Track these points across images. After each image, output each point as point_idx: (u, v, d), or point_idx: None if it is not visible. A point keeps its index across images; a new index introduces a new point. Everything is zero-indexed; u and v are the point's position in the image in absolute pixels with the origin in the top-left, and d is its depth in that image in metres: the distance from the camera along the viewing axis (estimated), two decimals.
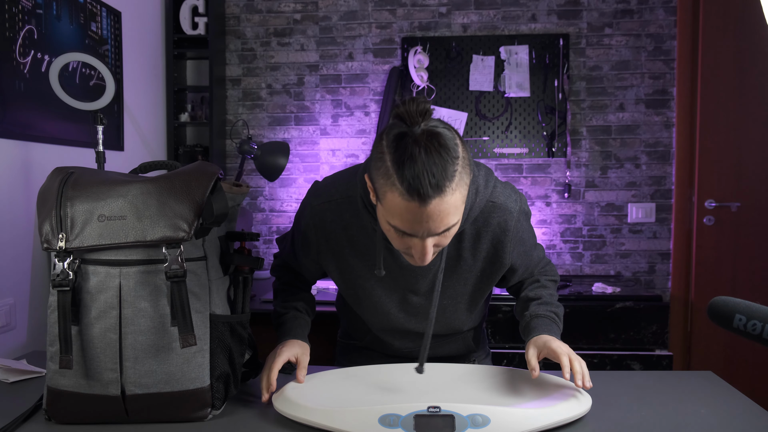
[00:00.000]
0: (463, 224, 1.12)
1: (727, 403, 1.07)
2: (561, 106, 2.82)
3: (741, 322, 0.79)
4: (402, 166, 0.91)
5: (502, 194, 1.15)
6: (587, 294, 2.42)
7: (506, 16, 2.86)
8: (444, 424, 0.91)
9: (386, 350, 1.34)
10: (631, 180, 2.85)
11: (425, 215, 0.92)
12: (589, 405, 1.00)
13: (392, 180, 0.92)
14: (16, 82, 1.73)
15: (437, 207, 0.92)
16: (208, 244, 1.04)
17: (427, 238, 0.97)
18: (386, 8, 2.90)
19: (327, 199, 1.17)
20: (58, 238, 0.95)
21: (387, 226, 0.99)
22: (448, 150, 0.92)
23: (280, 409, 1.00)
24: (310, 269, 1.30)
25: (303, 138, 2.96)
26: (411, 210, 0.92)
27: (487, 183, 1.14)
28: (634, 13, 2.82)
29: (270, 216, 2.99)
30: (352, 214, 1.15)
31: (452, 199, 0.93)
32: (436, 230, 0.95)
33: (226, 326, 1.06)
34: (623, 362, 2.30)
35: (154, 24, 2.69)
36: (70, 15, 2.00)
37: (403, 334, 1.29)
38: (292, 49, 2.95)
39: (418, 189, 0.90)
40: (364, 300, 1.24)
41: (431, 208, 0.92)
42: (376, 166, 0.97)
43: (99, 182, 0.99)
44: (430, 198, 0.91)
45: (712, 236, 2.77)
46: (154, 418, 1.00)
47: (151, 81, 2.66)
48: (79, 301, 0.97)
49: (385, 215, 0.98)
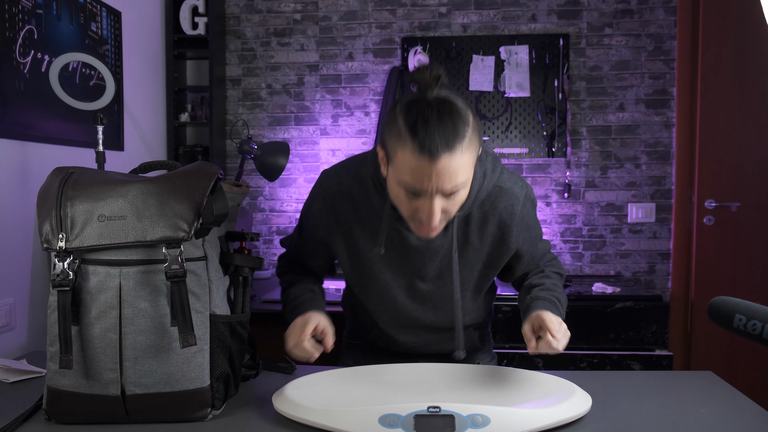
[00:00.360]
0: (471, 207, 1.15)
1: (727, 403, 1.07)
2: (561, 106, 2.82)
3: (741, 322, 0.79)
4: (414, 125, 0.97)
5: (509, 180, 1.18)
6: (587, 294, 2.42)
7: (506, 16, 2.86)
8: (444, 424, 0.91)
9: (391, 347, 1.34)
10: (631, 180, 2.85)
11: (435, 171, 0.97)
12: (589, 405, 1.00)
13: (404, 139, 0.98)
14: (16, 82, 1.73)
15: (447, 164, 0.96)
16: (208, 244, 1.04)
17: (435, 197, 1.00)
18: (386, 8, 2.90)
19: (338, 180, 1.20)
20: (58, 238, 0.95)
21: (397, 189, 1.03)
22: (459, 115, 0.98)
23: (280, 409, 1.00)
24: (319, 257, 1.30)
25: (303, 138, 2.96)
26: (421, 166, 0.97)
27: (495, 168, 1.18)
28: (634, 13, 2.82)
29: (270, 216, 2.99)
30: (363, 195, 1.18)
31: (461, 159, 0.98)
32: (444, 187, 0.99)
33: (226, 326, 1.06)
34: (623, 362, 2.30)
35: (154, 24, 2.69)
36: (70, 15, 2.00)
37: (409, 327, 1.30)
38: (292, 49, 2.95)
39: (429, 145, 0.95)
40: (370, 286, 1.24)
41: (441, 165, 0.96)
42: (389, 129, 1.02)
43: (99, 182, 0.99)
44: (440, 154, 0.96)
45: (712, 236, 2.77)
46: (154, 418, 1.00)
47: (151, 81, 2.66)
48: (79, 301, 0.97)
49: (395, 175, 1.02)
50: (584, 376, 1.21)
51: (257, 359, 1.22)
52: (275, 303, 2.16)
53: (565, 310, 1.23)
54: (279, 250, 2.98)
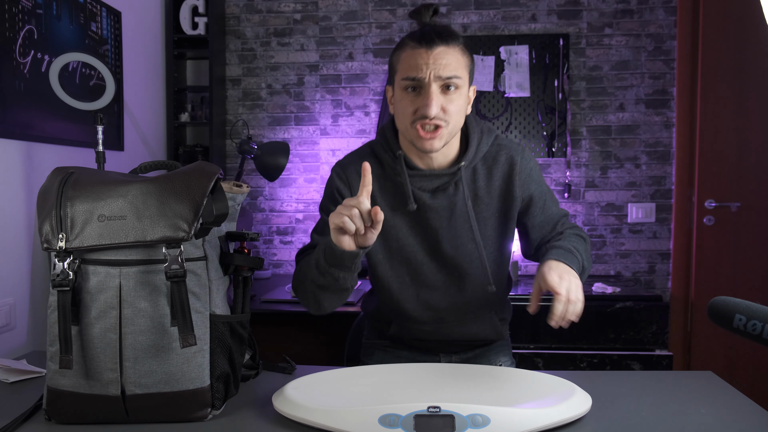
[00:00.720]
0: (474, 160, 1.25)
1: (727, 403, 1.07)
2: (561, 106, 2.82)
3: (741, 322, 0.79)
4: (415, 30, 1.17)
5: (506, 139, 1.32)
6: (587, 294, 2.41)
7: (506, 16, 2.86)
8: (444, 424, 0.91)
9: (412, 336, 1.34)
10: (631, 180, 2.85)
11: (431, 57, 1.13)
12: (589, 405, 1.00)
13: (405, 42, 1.17)
14: (16, 82, 1.73)
15: (443, 53, 1.13)
16: (208, 244, 1.04)
17: (432, 85, 1.13)
18: (386, 8, 2.90)
19: (354, 158, 1.31)
20: (58, 238, 0.95)
21: (401, 95, 1.17)
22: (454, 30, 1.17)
23: (280, 409, 1.00)
24: None
25: (303, 138, 2.96)
26: (419, 54, 1.13)
27: (490, 130, 1.31)
28: (634, 13, 2.82)
29: (270, 216, 2.99)
30: (379, 166, 1.28)
31: (455, 54, 1.15)
32: (440, 73, 1.13)
33: (226, 326, 1.06)
34: (623, 362, 2.30)
35: (154, 24, 2.69)
36: (70, 15, 2.00)
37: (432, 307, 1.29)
38: (292, 49, 2.95)
39: (425, 36, 1.13)
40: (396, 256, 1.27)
41: (436, 51, 1.13)
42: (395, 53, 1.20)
43: (99, 182, 0.99)
44: (436, 44, 1.13)
45: (712, 236, 2.77)
46: (154, 418, 1.00)
47: (151, 81, 2.66)
48: (79, 301, 0.97)
49: (399, 78, 1.17)
50: (584, 376, 1.21)
51: (257, 359, 1.22)
52: (275, 303, 2.16)
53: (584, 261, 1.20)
54: (279, 250, 2.98)
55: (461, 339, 1.34)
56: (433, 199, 1.24)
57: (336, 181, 1.29)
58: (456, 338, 1.34)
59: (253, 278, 1.30)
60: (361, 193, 1.00)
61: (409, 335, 1.35)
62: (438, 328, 1.32)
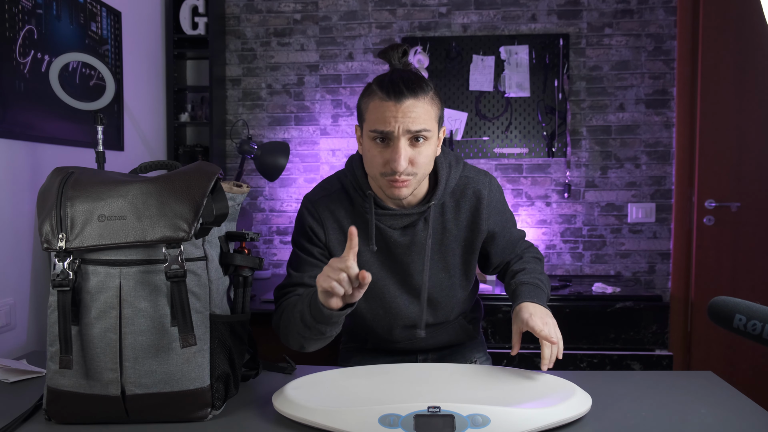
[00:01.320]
0: (443, 196, 1.27)
1: (727, 403, 1.07)
2: (561, 106, 2.82)
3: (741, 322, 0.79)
4: (382, 79, 1.14)
5: (472, 170, 1.32)
6: (587, 294, 2.42)
7: (506, 16, 2.86)
8: (444, 424, 0.91)
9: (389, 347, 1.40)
10: (631, 180, 2.85)
11: (400, 111, 1.10)
12: (589, 405, 1.00)
13: (373, 90, 1.14)
14: (16, 82, 1.73)
15: (411, 106, 1.11)
16: (208, 244, 1.04)
17: (401, 139, 1.12)
18: (386, 8, 2.90)
19: (322, 194, 1.30)
20: (58, 238, 0.95)
21: (369, 145, 1.16)
22: (422, 78, 1.15)
23: (280, 409, 1.00)
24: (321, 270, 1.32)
25: (303, 138, 2.96)
26: (388, 108, 1.11)
27: (458, 161, 1.31)
28: (634, 13, 2.82)
29: (270, 216, 2.99)
30: (349, 202, 1.28)
31: (424, 107, 1.13)
32: (409, 127, 1.11)
33: (226, 326, 1.06)
34: (623, 362, 2.30)
35: (154, 24, 2.69)
36: (70, 15, 2.00)
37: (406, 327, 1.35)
38: (292, 49, 2.95)
39: (394, 89, 1.10)
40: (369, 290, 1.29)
41: (405, 105, 1.10)
42: (362, 98, 1.17)
43: (99, 182, 0.99)
44: (405, 97, 1.10)
45: (712, 236, 2.77)
46: (154, 418, 1.00)
47: (151, 81, 2.66)
48: (79, 301, 0.97)
49: (367, 130, 1.15)
50: (584, 376, 1.21)
51: (257, 359, 1.22)
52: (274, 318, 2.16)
53: (549, 289, 1.31)
54: (279, 250, 2.98)
55: (435, 346, 1.41)
56: (403, 236, 1.26)
57: (308, 219, 1.28)
58: (430, 346, 1.41)
59: (253, 278, 1.30)
60: (348, 256, 0.97)
61: (386, 347, 1.41)
62: (413, 343, 1.39)
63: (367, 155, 1.18)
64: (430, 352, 1.43)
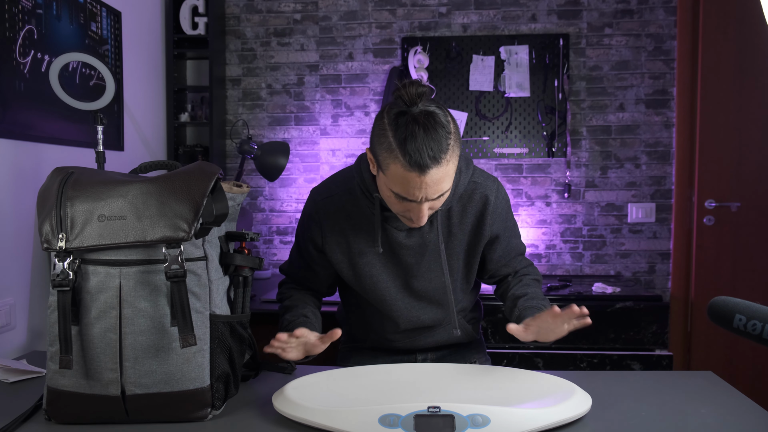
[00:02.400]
0: (451, 201, 1.27)
1: (727, 403, 1.07)
2: (561, 106, 2.82)
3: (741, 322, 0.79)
4: (404, 142, 1.05)
5: (481, 175, 1.32)
6: (587, 294, 2.42)
7: (506, 16, 2.86)
8: (444, 424, 0.91)
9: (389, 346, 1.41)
10: (631, 180, 2.85)
11: (424, 183, 1.07)
12: (589, 405, 1.00)
13: (395, 154, 1.06)
14: (16, 82, 1.73)
15: (434, 176, 1.07)
16: (208, 244, 1.04)
17: (423, 204, 1.11)
18: (386, 8, 2.90)
19: (329, 194, 1.30)
20: (58, 238, 0.95)
21: (388, 192, 1.13)
22: (442, 126, 1.07)
23: (280, 409, 1.00)
24: (320, 268, 1.35)
25: (303, 138, 2.96)
26: (412, 179, 1.07)
27: (468, 166, 1.30)
28: (634, 13, 2.82)
29: (270, 216, 2.99)
30: (353, 204, 1.27)
31: (446, 168, 1.08)
32: (432, 196, 1.10)
33: (226, 326, 1.06)
34: (623, 362, 2.30)
35: (154, 24, 2.69)
36: (70, 15, 2.00)
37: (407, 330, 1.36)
38: (292, 49, 2.95)
39: (418, 162, 1.05)
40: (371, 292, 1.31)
41: (429, 177, 1.07)
42: (379, 141, 1.10)
43: (99, 182, 0.99)
44: (429, 168, 1.06)
45: (712, 236, 2.77)
46: (154, 418, 1.00)
47: (151, 81, 2.66)
48: (79, 301, 0.97)
49: (387, 183, 1.12)
50: (584, 376, 1.21)
51: (257, 359, 1.22)
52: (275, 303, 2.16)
53: None
54: (279, 250, 2.98)
55: (436, 345, 1.42)
56: (408, 238, 1.27)
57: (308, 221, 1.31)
58: (430, 346, 1.42)
59: (253, 278, 1.30)
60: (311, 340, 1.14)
61: (386, 346, 1.42)
62: (414, 341, 1.40)
63: (385, 196, 1.16)
64: (430, 352, 1.43)
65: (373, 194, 1.23)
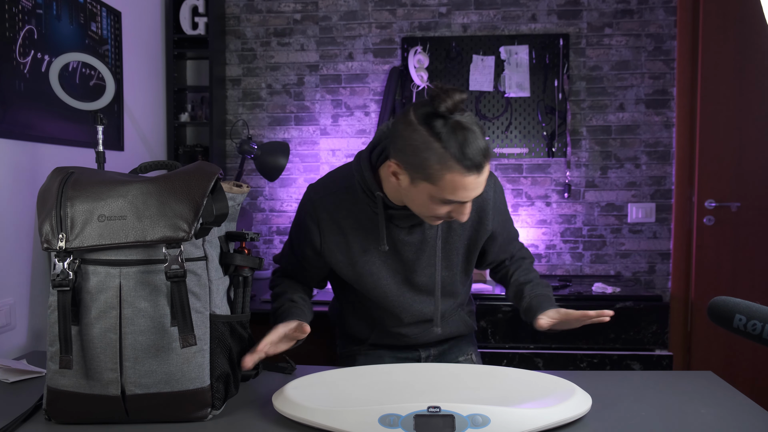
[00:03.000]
0: None
1: (727, 403, 1.07)
2: (561, 106, 2.82)
3: (741, 322, 0.79)
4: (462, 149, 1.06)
5: None
6: (587, 294, 2.42)
7: (506, 16, 2.86)
8: (444, 424, 0.91)
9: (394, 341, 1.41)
10: (631, 180, 2.85)
11: (477, 182, 1.10)
12: (589, 405, 1.00)
13: (450, 164, 1.06)
14: (16, 82, 1.73)
15: (486, 171, 1.11)
16: (208, 244, 1.04)
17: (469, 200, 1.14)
18: (386, 8, 2.90)
19: (327, 192, 1.29)
20: (58, 238, 0.95)
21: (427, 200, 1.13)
22: (476, 122, 1.10)
23: (280, 409, 1.00)
24: (313, 268, 1.35)
25: (303, 138, 2.96)
26: (469, 182, 1.09)
27: None
28: (634, 13, 2.82)
29: (270, 216, 2.99)
30: (352, 202, 1.26)
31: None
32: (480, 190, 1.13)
33: (226, 326, 1.06)
34: (623, 362, 2.30)
35: (154, 24, 2.69)
36: (70, 15, 2.00)
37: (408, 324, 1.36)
38: (292, 49, 2.95)
39: (477, 164, 1.07)
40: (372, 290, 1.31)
41: (483, 174, 1.10)
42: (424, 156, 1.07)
43: (99, 182, 0.99)
44: (483, 167, 1.09)
45: (712, 236, 2.77)
46: (154, 418, 1.00)
47: (151, 81, 2.66)
48: (79, 301, 0.97)
49: (435, 193, 1.10)
50: (584, 376, 1.21)
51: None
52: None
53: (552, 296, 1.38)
54: (279, 250, 2.98)
55: (438, 339, 1.43)
56: (410, 235, 1.27)
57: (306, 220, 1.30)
58: (432, 339, 1.42)
59: (253, 278, 1.30)
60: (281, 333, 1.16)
61: (389, 342, 1.42)
62: (416, 337, 1.40)
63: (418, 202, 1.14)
64: (432, 346, 1.44)
65: (375, 193, 1.22)
